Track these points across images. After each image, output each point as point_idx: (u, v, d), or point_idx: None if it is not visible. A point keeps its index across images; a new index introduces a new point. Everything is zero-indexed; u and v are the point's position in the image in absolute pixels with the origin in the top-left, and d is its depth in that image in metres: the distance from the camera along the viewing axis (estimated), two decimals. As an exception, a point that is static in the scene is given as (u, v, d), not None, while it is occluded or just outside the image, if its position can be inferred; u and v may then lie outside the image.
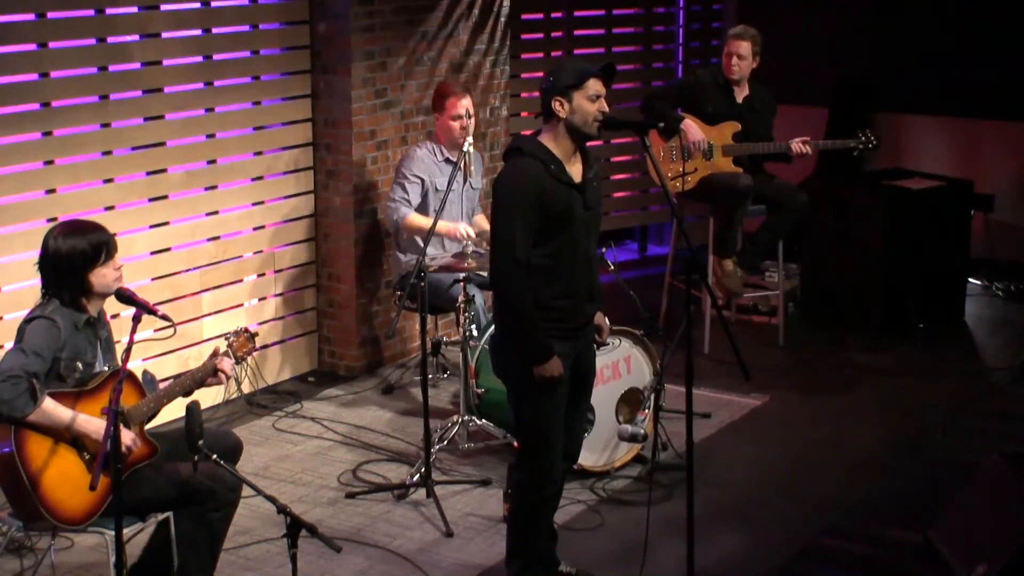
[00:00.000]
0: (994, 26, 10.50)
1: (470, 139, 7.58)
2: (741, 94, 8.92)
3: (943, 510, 6.44)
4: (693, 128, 8.75)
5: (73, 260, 5.38)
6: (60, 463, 5.24)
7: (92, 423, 5.25)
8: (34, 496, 5.17)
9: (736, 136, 8.85)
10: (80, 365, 5.39)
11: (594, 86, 5.49)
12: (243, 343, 5.74)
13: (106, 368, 5.51)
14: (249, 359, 5.82)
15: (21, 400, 5.12)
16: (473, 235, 7.65)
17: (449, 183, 7.39)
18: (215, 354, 5.61)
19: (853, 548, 6.44)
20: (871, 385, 8.57)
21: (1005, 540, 5.87)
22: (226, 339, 5.72)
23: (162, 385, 5.62)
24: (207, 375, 5.59)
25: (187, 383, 5.54)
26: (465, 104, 7.86)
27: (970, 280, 10.05)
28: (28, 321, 5.36)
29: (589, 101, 5.49)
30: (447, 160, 8.00)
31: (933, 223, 9.48)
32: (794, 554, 6.39)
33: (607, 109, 5.55)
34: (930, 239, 9.45)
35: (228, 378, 5.66)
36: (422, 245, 7.16)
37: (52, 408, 5.20)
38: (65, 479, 5.24)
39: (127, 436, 5.27)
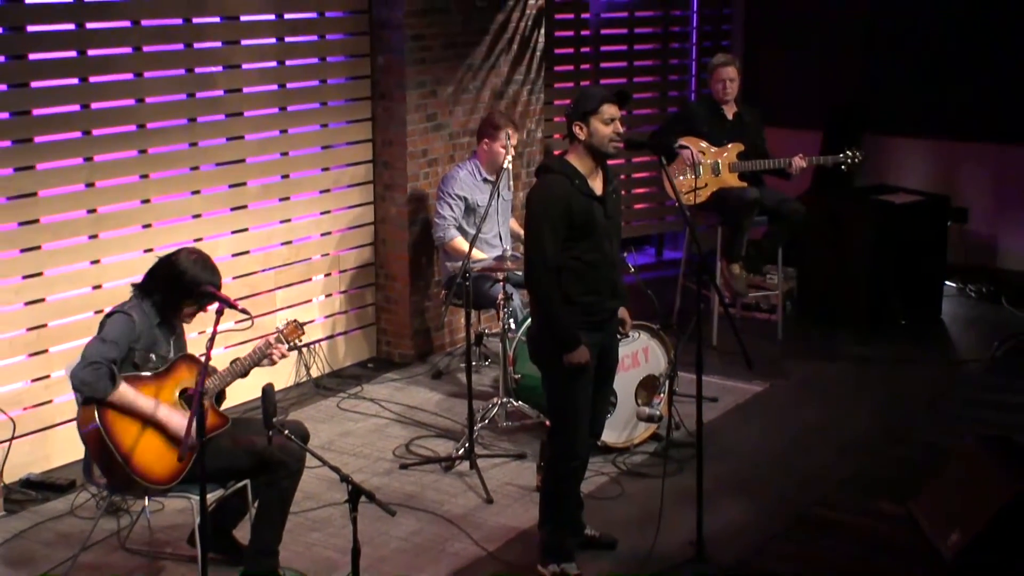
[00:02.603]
0: (968, 56, 10.45)
1: (510, 158, 7.63)
2: (730, 112, 8.93)
3: (922, 485, 6.41)
4: (692, 149, 8.69)
5: (185, 282, 5.42)
6: (144, 436, 5.29)
7: (171, 416, 5.32)
8: (126, 467, 5.21)
9: (741, 155, 8.84)
10: (154, 356, 5.44)
11: (608, 111, 5.48)
12: (292, 330, 5.74)
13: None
14: (316, 347, 5.81)
15: (102, 384, 5.19)
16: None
17: (489, 200, 7.40)
18: (269, 342, 5.63)
19: (842, 518, 6.40)
20: (859, 375, 8.52)
21: (976, 513, 5.86)
22: (278, 328, 5.72)
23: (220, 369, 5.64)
24: (263, 357, 5.61)
25: (247, 364, 5.57)
26: (516, 137, 7.89)
27: (946, 283, 9.98)
28: (109, 315, 5.44)
29: (604, 124, 5.48)
30: (486, 180, 8.02)
31: (914, 233, 9.42)
32: (790, 522, 6.37)
33: (622, 130, 5.54)
34: (911, 247, 9.39)
35: (282, 358, 5.67)
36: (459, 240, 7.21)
37: (132, 396, 5.26)
38: (149, 449, 5.28)
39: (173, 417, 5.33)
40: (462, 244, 7.87)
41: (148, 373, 5.38)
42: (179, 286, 5.45)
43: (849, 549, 6.08)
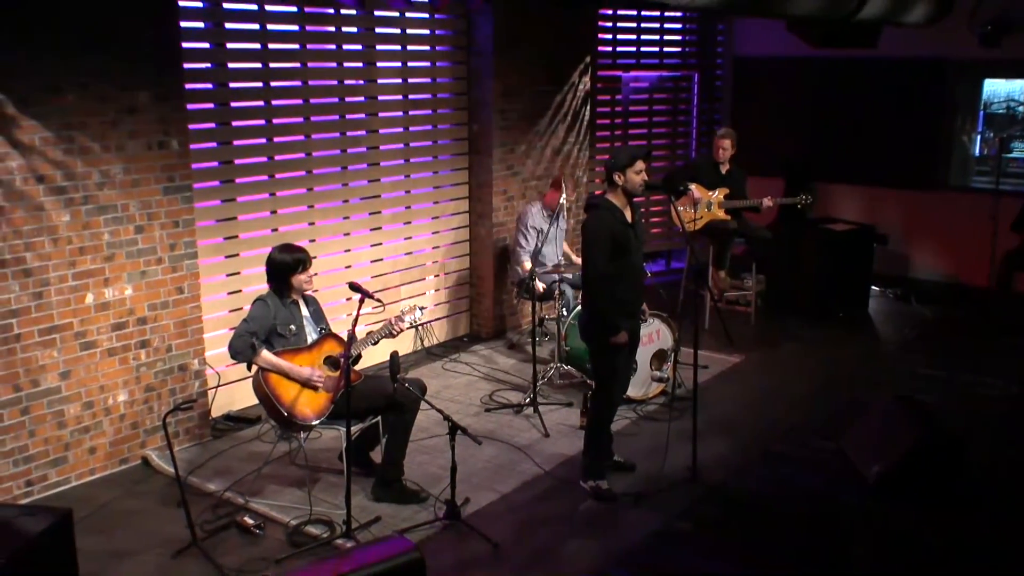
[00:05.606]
0: (887, 129, 10.36)
1: (565, 195, 7.67)
2: (724, 169, 8.85)
3: (852, 430, 6.32)
4: (695, 191, 8.67)
5: (283, 266, 5.44)
6: (296, 391, 5.32)
7: (296, 369, 5.31)
8: (288, 414, 5.25)
9: (727, 196, 8.78)
10: (293, 327, 5.45)
11: (640, 164, 5.44)
12: (410, 312, 5.73)
13: (320, 329, 5.57)
14: (428, 326, 5.76)
15: (248, 352, 5.24)
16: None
17: (549, 228, 7.39)
18: (391, 321, 5.61)
19: (795, 451, 6.32)
20: (808, 351, 8.39)
21: (891, 451, 5.78)
22: (401, 311, 5.72)
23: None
24: (388, 331, 5.59)
25: (377, 337, 5.56)
26: (564, 194, 7.85)
27: (872, 287, 9.85)
28: (253, 302, 5.47)
29: (636, 174, 5.44)
30: (548, 215, 7.99)
31: (849, 251, 9.30)
32: (759, 454, 6.30)
33: (648, 178, 5.50)
34: (847, 261, 9.27)
35: (400, 332, 5.62)
36: (529, 264, 7.19)
37: (273, 358, 5.29)
38: (300, 395, 5.31)
39: (306, 371, 5.33)
40: (530, 265, 7.88)
41: (293, 348, 5.38)
42: (280, 274, 5.45)
43: (799, 474, 6.00)
